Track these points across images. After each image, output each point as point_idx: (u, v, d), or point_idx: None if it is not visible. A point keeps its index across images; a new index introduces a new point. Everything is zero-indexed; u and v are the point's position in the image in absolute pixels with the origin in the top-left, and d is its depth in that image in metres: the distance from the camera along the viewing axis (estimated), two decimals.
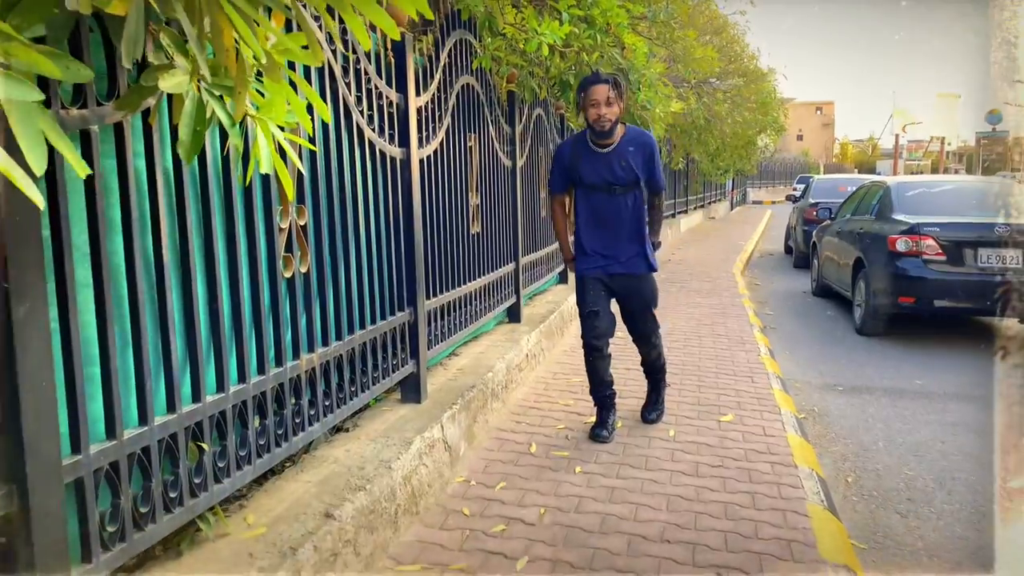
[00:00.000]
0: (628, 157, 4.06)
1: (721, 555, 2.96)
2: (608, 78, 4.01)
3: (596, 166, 4.08)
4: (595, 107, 3.97)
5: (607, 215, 4.12)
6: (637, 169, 4.06)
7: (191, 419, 2.13)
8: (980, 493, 4.04)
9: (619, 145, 4.07)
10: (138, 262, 1.93)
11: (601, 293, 4.20)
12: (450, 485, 3.52)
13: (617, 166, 4.05)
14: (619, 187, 4.07)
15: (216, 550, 2.27)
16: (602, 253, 4.16)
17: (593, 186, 4.10)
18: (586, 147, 4.13)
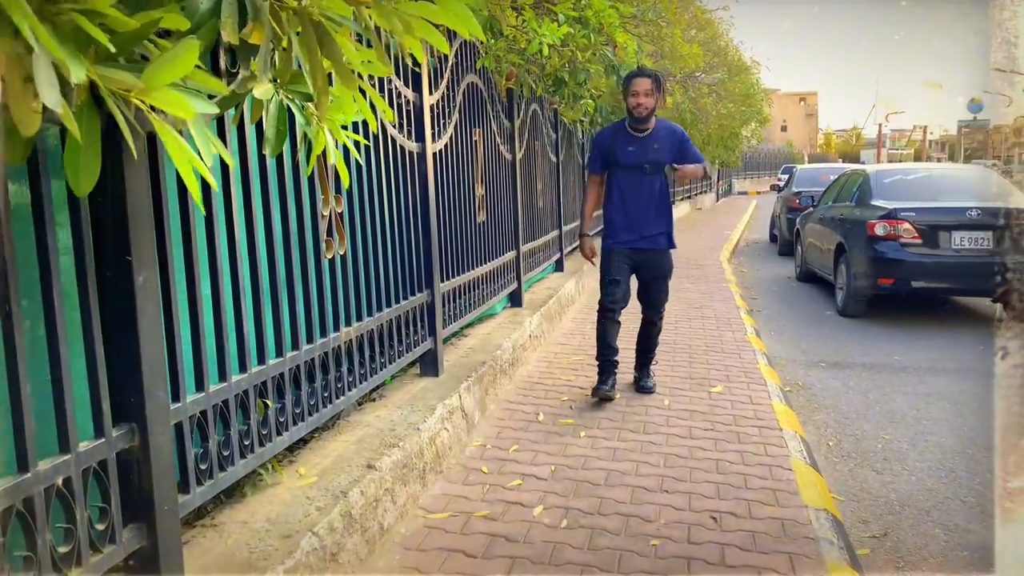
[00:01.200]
0: (661, 142, 4.58)
1: (714, 502, 3.32)
2: (650, 73, 4.63)
3: (632, 148, 4.58)
4: (635, 96, 4.51)
5: (637, 194, 4.59)
6: (668, 153, 4.56)
7: (258, 378, 2.47)
8: (950, 453, 4.42)
9: (653, 131, 4.61)
10: (218, 243, 2.27)
11: (624, 265, 4.67)
12: (468, 448, 3.87)
13: (651, 149, 4.56)
14: (650, 167, 4.56)
15: (276, 494, 2.62)
16: (629, 229, 4.63)
17: (628, 166, 4.59)
18: (625, 132, 4.65)
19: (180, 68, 1.18)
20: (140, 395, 1.89)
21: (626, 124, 4.69)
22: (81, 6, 1.09)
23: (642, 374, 5.00)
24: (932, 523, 3.59)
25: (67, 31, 1.12)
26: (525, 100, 6.46)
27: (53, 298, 1.68)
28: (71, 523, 1.72)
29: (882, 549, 3.34)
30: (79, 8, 1.09)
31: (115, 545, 1.84)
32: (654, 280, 4.78)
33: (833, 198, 9.93)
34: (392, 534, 2.94)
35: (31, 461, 1.62)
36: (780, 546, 2.95)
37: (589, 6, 5.16)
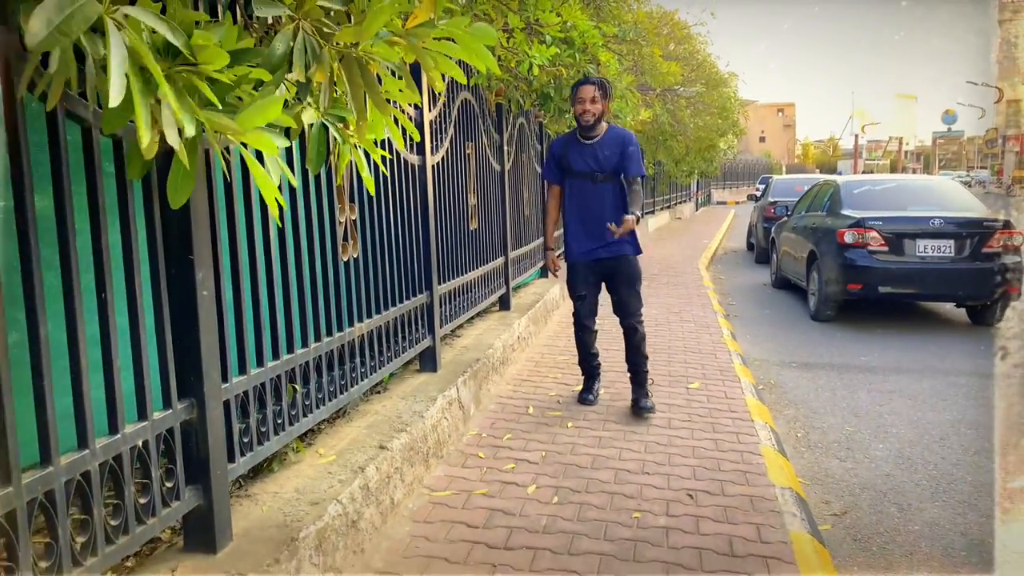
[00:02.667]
0: (609, 148, 4.60)
1: (690, 482, 3.67)
2: (595, 80, 4.63)
3: (583, 155, 4.63)
4: (581, 103, 4.56)
5: (592, 202, 4.62)
6: (616, 159, 4.58)
7: (288, 365, 2.80)
8: (907, 443, 4.79)
9: (602, 138, 4.64)
10: (258, 247, 2.60)
11: (589, 278, 4.72)
12: (465, 437, 4.20)
13: (600, 155, 4.59)
14: (601, 174, 4.59)
15: (301, 470, 2.94)
16: (589, 238, 4.64)
17: (579, 173, 4.63)
18: (575, 140, 4.71)
19: (268, 114, 1.51)
20: (199, 374, 2.22)
21: (576, 133, 4.74)
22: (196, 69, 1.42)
23: (639, 394, 4.76)
24: (888, 503, 3.95)
25: (183, 85, 1.46)
26: (513, 114, 6.81)
27: (136, 290, 2.00)
28: (147, 479, 2.04)
29: (841, 525, 3.69)
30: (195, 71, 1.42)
31: (180, 502, 2.16)
32: (622, 288, 4.72)
33: (806, 208, 10.35)
34: (401, 508, 3.27)
35: (120, 425, 1.94)
36: (749, 518, 3.31)
37: (574, 27, 5.53)
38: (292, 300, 2.84)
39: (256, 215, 2.62)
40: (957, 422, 5.17)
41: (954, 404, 5.56)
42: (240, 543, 2.34)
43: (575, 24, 5.51)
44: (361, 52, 1.78)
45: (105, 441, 1.89)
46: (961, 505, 3.90)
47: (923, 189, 9.78)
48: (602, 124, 4.67)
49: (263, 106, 1.49)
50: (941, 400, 5.67)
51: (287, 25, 1.69)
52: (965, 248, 8.03)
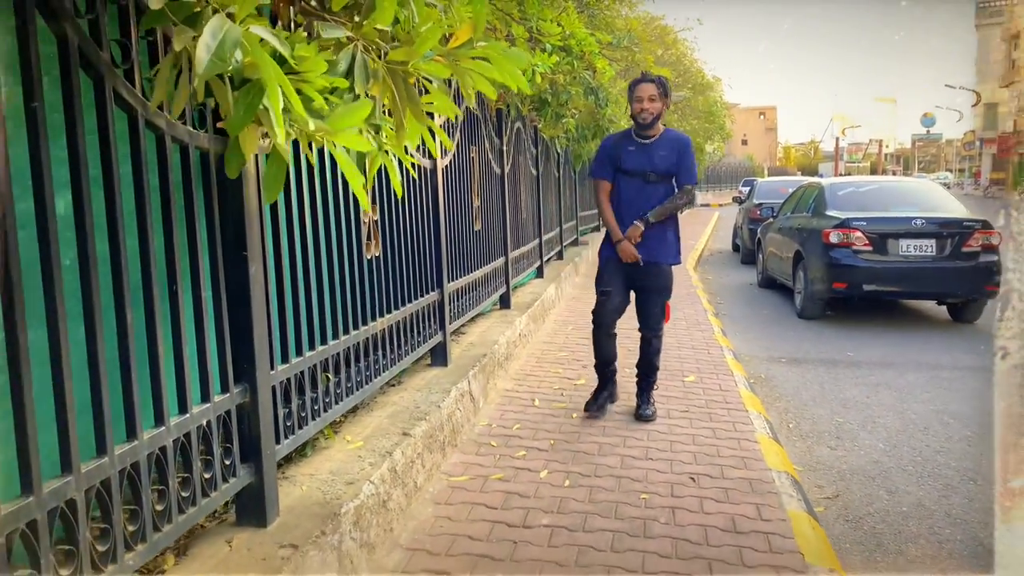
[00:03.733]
0: (666, 150, 4.48)
1: (692, 467, 3.89)
2: (654, 78, 4.51)
3: (637, 155, 4.49)
4: (639, 102, 4.41)
5: (640, 202, 4.47)
6: (671, 162, 4.48)
7: (322, 356, 2.99)
8: (894, 432, 5.03)
9: (659, 139, 4.50)
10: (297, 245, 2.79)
11: (618, 276, 4.55)
12: (476, 427, 4.41)
13: (656, 156, 4.46)
14: (654, 175, 4.46)
15: (332, 454, 3.13)
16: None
17: (631, 173, 4.49)
18: (630, 139, 4.56)
19: (357, 117, 1.71)
20: (252, 361, 2.41)
21: (632, 131, 4.60)
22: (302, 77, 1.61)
23: (642, 400, 4.69)
24: (877, 487, 4.18)
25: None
26: (511, 119, 7.02)
27: (200, 283, 2.20)
28: (210, 456, 2.24)
29: (834, 507, 3.92)
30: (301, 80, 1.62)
31: (236, 478, 2.36)
32: (650, 295, 4.60)
33: (791, 209, 10.62)
34: (423, 491, 3.46)
35: (188, 408, 2.13)
36: (748, 498, 3.53)
37: (573, 36, 5.74)
38: (324, 295, 3.03)
39: (295, 215, 2.81)
40: (940, 412, 5.42)
41: (937, 396, 5.82)
42: (287, 518, 2.53)
43: (573, 33, 5.73)
44: (411, 69, 1.98)
45: (176, 420, 2.08)
46: (945, 488, 4.14)
47: (905, 191, 10.07)
48: (659, 125, 4.53)
49: (353, 109, 1.70)
50: (924, 392, 5.93)
51: (348, 45, 1.89)
52: (946, 247, 8.31)
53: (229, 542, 2.36)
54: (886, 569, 3.31)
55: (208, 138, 2.24)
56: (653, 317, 4.63)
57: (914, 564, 3.36)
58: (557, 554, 2.96)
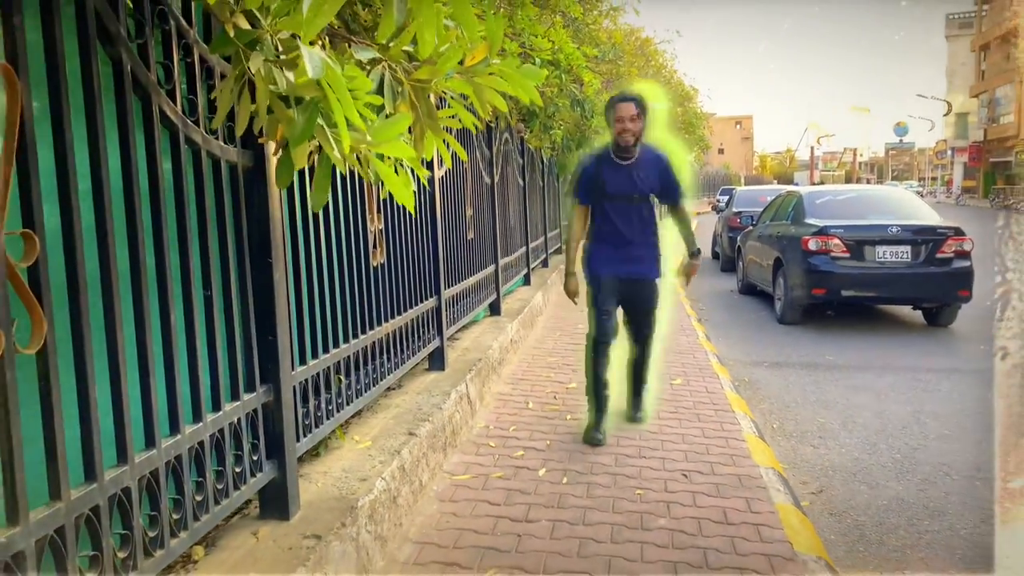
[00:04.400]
0: (647, 169, 4.43)
1: (683, 464, 4.07)
2: (634, 97, 4.41)
3: (620, 178, 4.40)
4: (621, 122, 4.30)
5: (626, 224, 4.44)
6: (653, 180, 4.44)
7: (335, 359, 3.13)
8: (873, 431, 5.23)
9: (639, 159, 4.42)
10: (313, 254, 2.94)
11: (613, 295, 4.51)
12: (474, 429, 4.55)
13: (637, 178, 4.40)
14: (637, 196, 4.42)
15: (342, 454, 3.27)
16: (620, 259, 4.46)
17: (615, 196, 4.42)
18: (609, 161, 4.45)
19: (396, 130, 1.86)
20: (276, 363, 2.55)
21: (611, 152, 4.47)
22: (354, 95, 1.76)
23: (635, 404, 4.82)
24: (858, 483, 4.37)
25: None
26: (500, 130, 7.19)
27: (230, 288, 2.34)
28: (240, 451, 2.37)
29: (818, 501, 4.10)
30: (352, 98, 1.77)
31: (262, 473, 2.50)
32: (641, 311, 4.63)
33: (771, 217, 10.85)
34: (428, 489, 3.61)
35: (221, 405, 2.27)
36: (739, 492, 3.70)
37: (561, 51, 5.93)
38: (337, 300, 3.18)
39: (311, 225, 2.96)
40: (917, 412, 5.64)
41: (914, 397, 6.03)
42: (307, 512, 2.67)
43: (562, 47, 5.91)
44: (434, 87, 2.14)
45: (212, 417, 2.22)
46: (923, 483, 4.33)
47: (881, 199, 10.35)
48: (638, 145, 4.44)
49: (393, 123, 1.85)
50: (902, 394, 6.15)
51: (377, 66, 2.05)
52: (921, 254, 8.57)
53: (255, 534, 2.49)
54: (869, 558, 3.49)
55: (236, 152, 2.39)
56: (648, 331, 4.69)
57: (894, 552, 3.54)
58: (560, 545, 3.12)
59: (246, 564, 2.29)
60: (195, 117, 2.16)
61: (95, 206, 1.77)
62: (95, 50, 1.75)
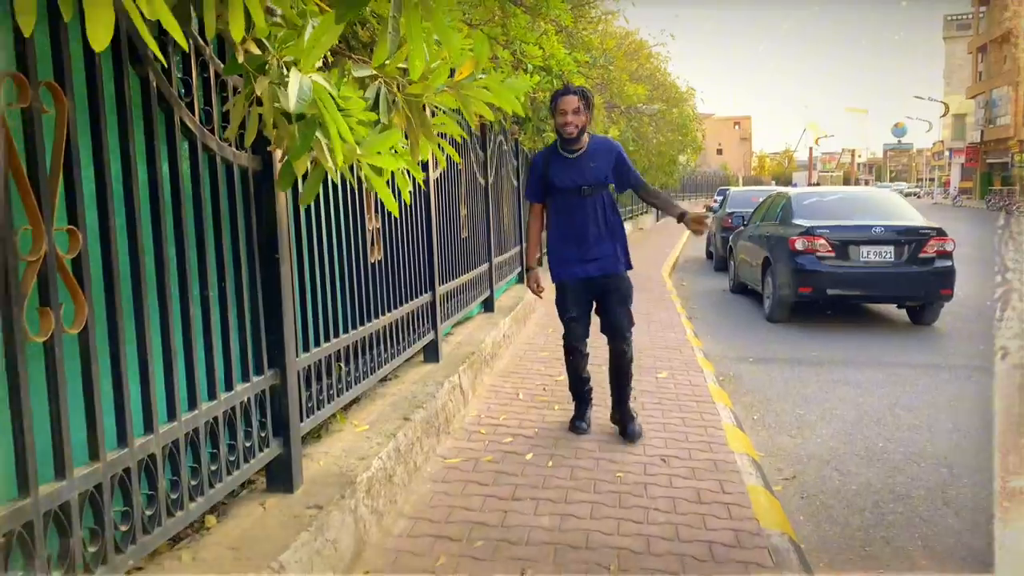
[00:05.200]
0: (596, 160, 4.37)
1: (662, 449, 4.32)
2: (577, 90, 4.35)
3: (567, 171, 4.36)
4: (563, 115, 4.29)
5: (579, 217, 4.36)
6: (605, 170, 4.37)
7: (336, 347, 3.39)
8: (849, 423, 5.48)
9: (587, 150, 4.39)
10: (316, 250, 3.19)
11: (579, 299, 4.44)
12: (467, 418, 4.81)
13: (586, 168, 4.35)
14: (588, 188, 4.34)
15: (342, 436, 3.52)
16: (578, 257, 4.39)
17: (565, 190, 4.36)
18: (557, 155, 4.44)
19: (387, 143, 2.12)
20: (282, 349, 2.81)
21: (558, 147, 4.46)
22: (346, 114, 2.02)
23: (624, 416, 4.56)
24: (831, 469, 4.63)
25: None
26: (494, 133, 7.44)
27: (242, 280, 2.59)
28: (249, 427, 2.62)
29: (791, 486, 4.35)
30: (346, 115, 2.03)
31: (269, 448, 2.75)
32: (615, 307, 4.45)
33: (760, 218, 11.11)
34: (422, 471, 3.86)
35: (233, 386, 2.53)
36: (713, 476, 3.95)
37: (552, 57, 6.18)
38: (337, 293, 3.43)
39: (314, 224, 3.21)
40: (893, 405, 5.89)
41: (891, 391, 6.29)
42: (310, 486, 2.92)
43: (553, 54, 6.17)
44: (425, 100, 2.39)
45: (225, 396, 2.47)
46: (892, 470, 4.59)
47: (866, 200, 10.60)
48: (584, 136, 4.42)
49: (384, 138, 2.10)
50: (880, 388, 6.40)
51: (372, 82, 2.30)
52: (904, 253, 8.82)
53: (262, 504, 2.74)
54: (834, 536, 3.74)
55: (247, 157, 2.64)
56: (622, 327, 4.49)
57: (858, 532, 3.79)
58: (543, 521, 3.37)
59: (255, 529, 2.54)
60: (211, 126, 2.41)
61: (126, 206, 2.02)
62: (127, 69, 2.00)
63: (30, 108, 1.67)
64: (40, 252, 1.67)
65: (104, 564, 1.86)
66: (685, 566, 3.02)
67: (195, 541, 2.45)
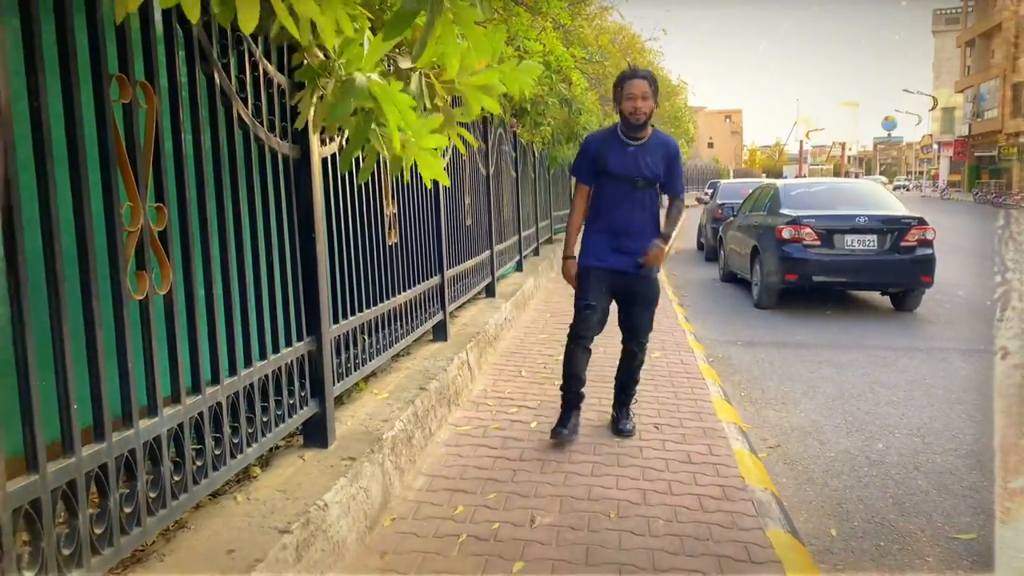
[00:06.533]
0: (655, 154, 4.15)
1: (656, 418, 4.67)
2: (646, 74, 4.14)
3: (624, 158, 4.13)
4: (632, 100, 4.03)
5: (624, 208, 4.16)
6: (659, 167, 4.16)
7: (361, 320, 3.72)
8: (831, 399, 5.84)
9: (648, 142, 4.16)
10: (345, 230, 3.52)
11: (602, 289, 4.21)
12: (474, 391, 5.15)
13: (643, 162, 4.12)
14: (642, 181, 4.12)
15: (365, 402, 3.86)
16: (615, 248, 4.18)
17: (618, 177, 4.13)
18: (616, 139, 4.19)
19: (431, 125, 2.43)
20: (318, 318, 3.14)
21: (619, 130, 4.20)
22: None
23: (621, 414, 4.46)
24: (812, 439, 4.98)
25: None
26: (494, 124, 7.77)
27: (285, 256, 2.92)
28: (292, 387, 2.96)
29: (775, 453, 4.70)
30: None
31: (307, 407, 3.08)
32: (638, 308, 4.29)
33: (750, 208, 11.46)
34: (436, 436, 4.20)
35: (280, 349, 2.86)
36: (702, 440, 4.31)
37: (551, 53, 6.50)
38: (361, 272, 3.76)
39: (342, 208, 3.54)
40: (873, 383, 6.26)
41: (872, 370, 6.65)
42: (341, 442, 3.26)
43: (552, 50, 6.49)
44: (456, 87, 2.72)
45: (273, 357, 2.80)
46: (869, 439, 4.94)
47: (851, 191, 10.98)
48: (648, 126, 4.19)
49: (429, 122, 2.42)
50: (861, 368, 6.77)
51: (412, 73, 2.63)
52: (886, 242, 9.19)
53: (301, 457, 3.08)
54: (813, 495, 4.09)
55: (289, 147, 2.96)
56: (643, 330, 4.35)
57: (835, 492, 4.14)
58: (548, 477, 3.72)
59: (298, 476, 2.88)
60: (260, 119, 2.74)
61: (197, 187, 2.35)
62: (199, 69, 2.32)
63: (130, 104, 1.99)
64: (138, 224, 1.99)
65: (176, 499, 2.19)
66: (677, 515, 3.37)
67: (246, 486, 2.78)
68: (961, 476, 4.31)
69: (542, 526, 3.21)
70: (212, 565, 2.16)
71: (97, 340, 1.85)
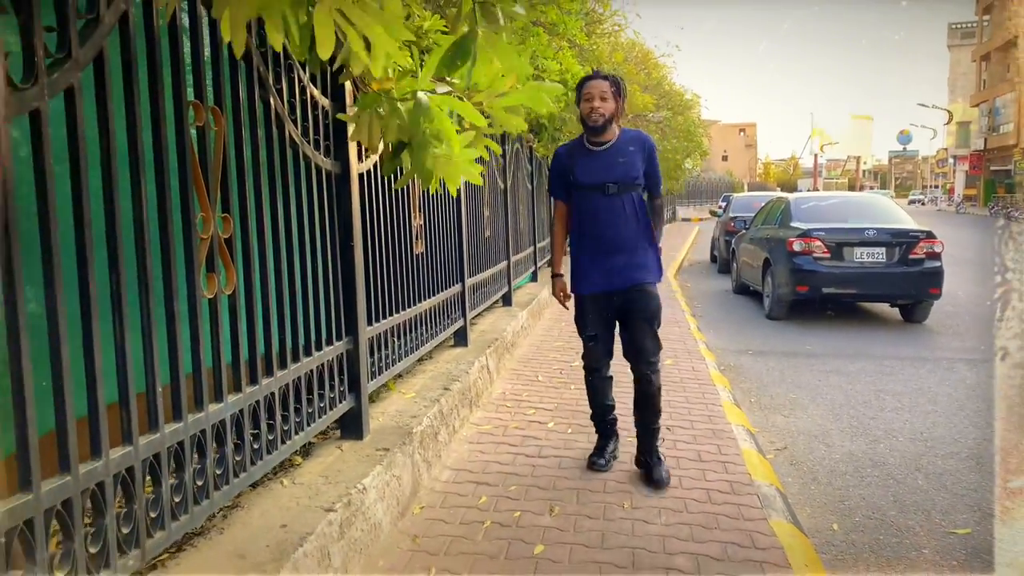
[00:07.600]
0: (627, 155, 3.82)
1: (668, 420, 4.90)
2: (607, 76, 3.87)
3: (591, 165, 3.83)
4: (589, 101, 3.77)
5: (604, 220, 3.84)
6: (636, 168, 3.82)
7: (391, 324, 3.99)
8: (837, 405, 6.06)
9: (617, 143, 3.85)
10: (380, 239, 3.79)
11: (601, 315, 3.98)
12: (493, 394, 5.40)
13: (614, 164, 3.80)
14: (614, 186, 3.79)
15: (393, 400, 4.12)
16: (600, 266, 3.90)
17: (588, 187, 3.84)
18: (582, 147, 3.92)
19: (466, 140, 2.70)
20: (355, 320, 3.41)
21: (583, 138, 3.94)
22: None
23: (650, 458, 3.98)
24: (818, 443, 5.20)
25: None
26: (512, 140, 8.05)
27: (328, 263, 3.20)
28: (332, 383, 3.23)
29: (782, 455, 4.93)
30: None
31: (345, 402, 3.35)
32: (639, 325, 3.93)
33: (761, 221, 11.69)
34: (459, 434, 4.46)
35: (322, 347, 3.13)
36: (712, 441, 4.54)
37: (568, 71, 6.78)
38: (392, 279, 4.03)
39: (375, 220, 3.81)
40: (879, 391, 6.46)
41: (878, 379, 6.86)
42: (375, 436, 3.52)
43: (568, 68, 6.76)
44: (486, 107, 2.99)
45: (318, 354, 3.07)
46: (872, 442, 5.16)
47: (861, 204, 11.19)
48: (614, 127, 3.87)
49: (465, 137, 2.69)
50: (868, 376, 6.98)
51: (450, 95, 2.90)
52: (895, 255, 9.40)
53: (339, 447, 3.34)
54: (817, 492, 4.32)
55: (331, 163, 3.24)
56: (647, 349, 3.98)
57: (838, 490, 4.36)
58: (566, 473, 3.97)
59: (338, 464, 3.14)
60: (307, 138, 3.02)
61: (256, 199, 2.63)
62: (257, 95, 2.60)
63: (203, 127, 2.27)
64: (210, 232, 2.27)
65: (237, 476, 2.45)
66: (687, 506, 3.61)
67: (290, 472, 3.05)
68: (960, 477, 4.52)
69: (561, 515, 3.46)
70: (267, 537, 2.43)
71: (177, 333, 2.12)
